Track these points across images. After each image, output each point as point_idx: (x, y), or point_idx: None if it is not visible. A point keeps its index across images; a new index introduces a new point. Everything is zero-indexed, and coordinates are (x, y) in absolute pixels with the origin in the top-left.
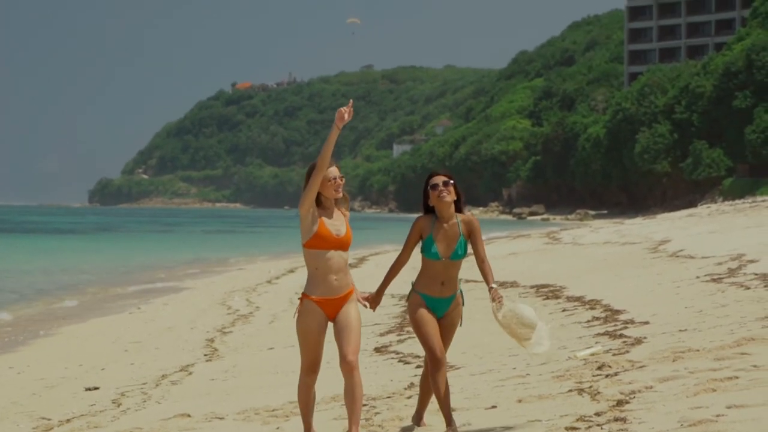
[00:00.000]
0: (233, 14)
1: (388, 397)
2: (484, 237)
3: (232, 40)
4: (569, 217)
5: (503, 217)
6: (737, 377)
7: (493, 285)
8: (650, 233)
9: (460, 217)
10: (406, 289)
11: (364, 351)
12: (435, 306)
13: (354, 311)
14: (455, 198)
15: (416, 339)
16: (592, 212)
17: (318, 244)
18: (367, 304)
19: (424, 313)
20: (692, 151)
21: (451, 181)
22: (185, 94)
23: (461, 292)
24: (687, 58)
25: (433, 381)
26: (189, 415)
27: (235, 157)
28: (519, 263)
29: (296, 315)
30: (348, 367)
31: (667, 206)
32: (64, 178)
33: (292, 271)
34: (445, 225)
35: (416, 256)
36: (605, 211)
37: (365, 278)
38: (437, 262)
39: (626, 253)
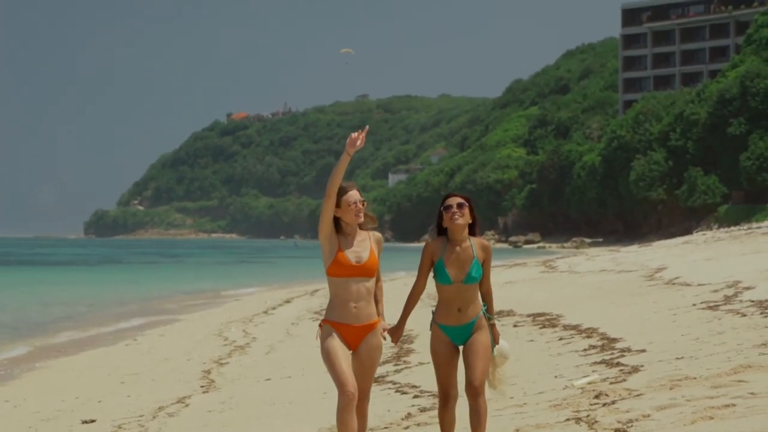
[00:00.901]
0: (228, 45)
1: (386, 428)
2: None
3: (227, 70)
4: (565, 245)
5: (499, 245)
6: (735, 405)
7: (495, 321)
8: (646, 261)
9: (474, 240)
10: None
11: None
12: (455, 335)
13: (375, 348)
14: (470, 221)
15: (413, 369)
16: (587, 240)
17: (337, 271)
18: (388, 337)
19: (441, 349)
20: (687, 178)
21: (466, 204)
22: (180, 124)
23: (485, 314)
24: (681, 86)
25: (440, 419)
26: None
27: (230, 187)
28: (516, 292)
29: (319, 343)
30: (358, 405)
31: (663, 233)
32: (59, 210)
33: (288, 301)
34: (457, 248)
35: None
36: (601, 239)
37: None
38: (449, 287)
39: (622, 281)
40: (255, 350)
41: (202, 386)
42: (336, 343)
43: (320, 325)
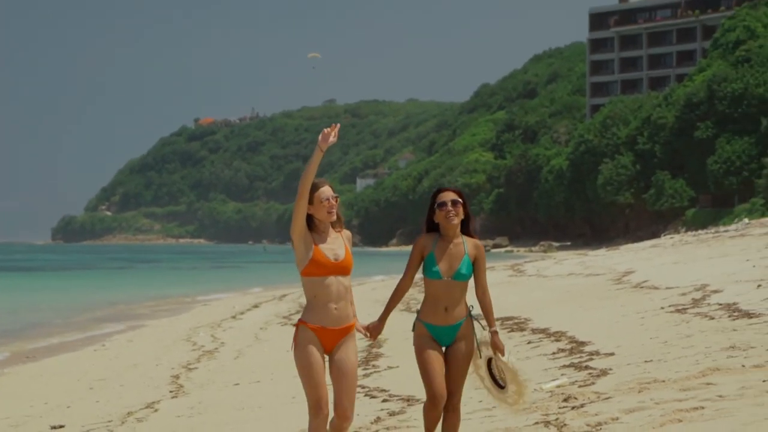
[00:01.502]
0: (195, 50)
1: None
2: None
3: (194, 75)
4: (533, 249)
5: None
6: (703, 408)
7: (495, 329)
8: (614, 264)
9: (466, 238)
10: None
11: (329, 385)
12: (440, 335)
13: (353, 352)
14: (463, 218)
15: (382, 373)
16: (555, 244)
17: (315, 271)
18: (368, 334)
19: (428, 347)
20: (655, 182)
21: (461, 201)
22: (148, 130)
23: (473, 316)
24: (649, 90)
25: (425, 416)
26: None
27: (198, 192)
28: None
29: (293, 347)
30: (345, 423)
31: (631, 237)
32: (26, 216)
33: (256, 306)
34: (449, 244)
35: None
36: (569, 243)
37: None
38: (438, 282)
39: (590, 284)
40: (223, 355)
41: (170, 391)
42: (314, 353)
43: (297, 326)
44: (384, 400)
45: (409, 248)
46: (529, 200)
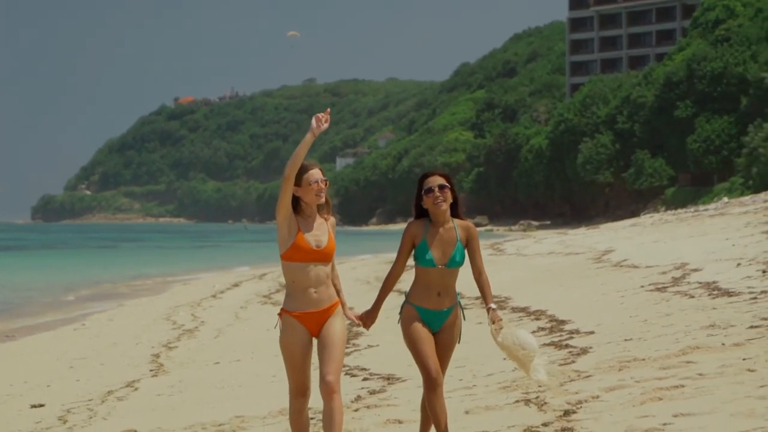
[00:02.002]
0: (174, 29)
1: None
2: None
3: (174, 54)
4: (513, 228)
5: None
6: (683, 386)
7: (492, 305)
8: (594, 243)
9: (457, 221)
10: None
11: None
12: (431, 319)
13: (339, 326)
14: (451, 202)
15: (362, 352)
16: (535, 223)
17: (295, 256)
18: (361, 323)
19: (420, 329)
20: (634, 161)
21: (448, 185)
22: (127, 109)
23: (460, 303)
24: (628, 69)
25: (429, 405)
26: (136, 431)
27: (178, 171)
28: (463, 274)
29: (277, 328)
30: (327, 389)
31: (610, 216)
32: (5, 195)
33: (236, 285)
34: (440, 229)
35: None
36: (548, 222)
37: None
38: (432, 270)
39: (570, 263)
40: (204, 334)
41: (151, 370)
42: (295, 341)
43: (279, 315)
44: (364, 379)
45: (389, 228)
46: (508, 179)
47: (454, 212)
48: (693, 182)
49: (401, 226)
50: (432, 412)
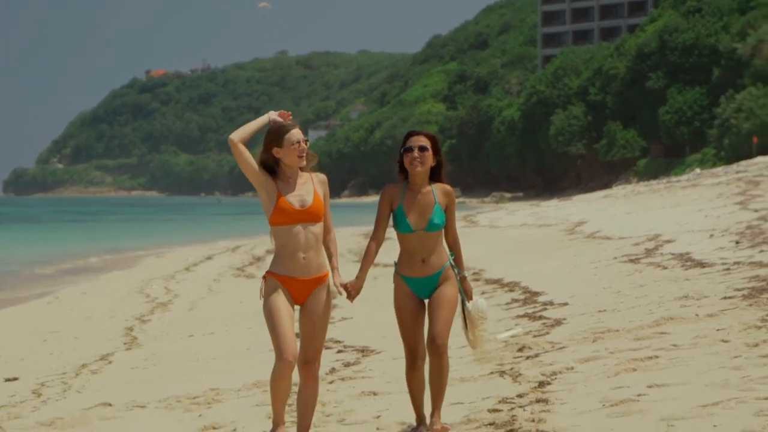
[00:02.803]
0: (146, 1)
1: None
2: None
3: (146, 27)
4: (485, 200)
5: None
6: (657, 357)
7: (465, 274)
8: (566, 215)
9: (436, 185)
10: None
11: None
12: (419, 288)
13: (324, 302)
14: (432, 165)
15: (336, 324)
16: (507, 195)
17: (280, 219)
18: (344, 293)
19: (406, 303)
20: (606, 133)
21: (428, 148)
22: (99, 82)
23: (452, 264)
24: (600, 40)
25: (407, 379)
26: (110, 404)
27: (150, 145)
28: None
29: (261, 297)
30: (308, 368)
31: (583, 188)
32: None
33: (209, 258)
34: (417, 194)
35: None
36: (521, 194)
37: None
38: (411, 235)
39: (543, 235)
40: (177, 307)
41: (125, 343)
42: (280, 302)
43: (264, 278)
44: (339, 351)
45: (362, 200)
46: (481, 151)
47: (436, 177)
48: (665, 153)
49: (374, 198)
50: (409, 386)
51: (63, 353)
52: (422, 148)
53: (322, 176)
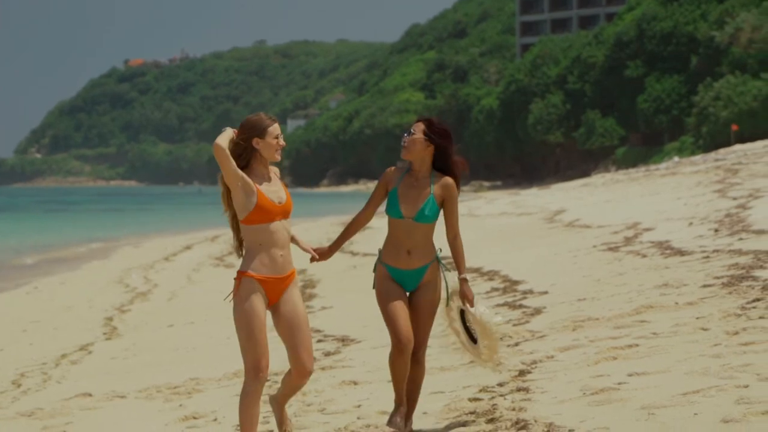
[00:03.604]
0: None
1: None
2: (379, 209)
3: (124, 16)
4: (464, 188)
5: None
6: (637, 345)
7: (466, 276)
8: (546, 203)
9: (438, 175)
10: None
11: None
12: (403, 280)
13: (299, 299)
14: (426, 152)
15: (316, 313)
16: (486, 183)
17: (260, 217)
18: (317, 256)
19: (390, 289)
20: (585, 121)
21: (415, 132)
22: (77, 71)
23: (440, 260)
24: (579, 29)
25: (390, 364)
26: (90, 395)
27: (128, 134)
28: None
29: (231, 299)
30: (303, 373)
31: (561, 176)
32: None
33: (188, 248)
34: (415, 180)
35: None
36: (499, 182)
37: None
38: (399, 221)
39: (522, 223)
40: (157, 297)
41: (104, 333)
42: (258, 308)
43: (239, 278)
44: (319, 341)
45: (340, 189)
46: (459, 140)
47: (441, 167)
48: (644, 142)
49: (353, 188)
50: (392, 371)
51: (43, 343)
52: (409, 132)
53: (277, 170)
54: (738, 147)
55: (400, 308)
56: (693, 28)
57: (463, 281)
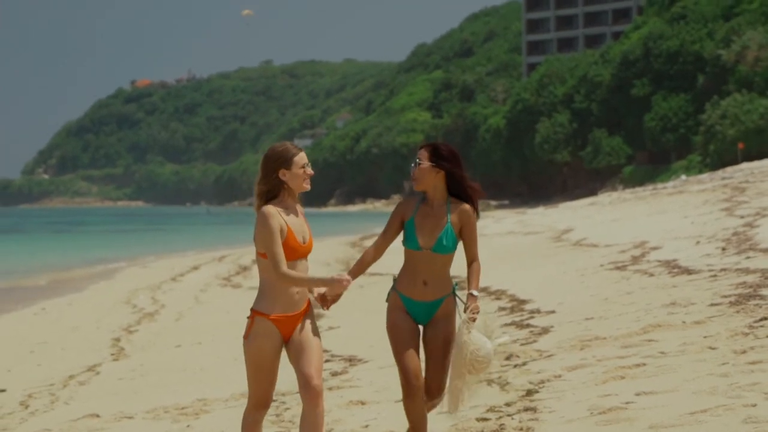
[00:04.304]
0: (131, 11)
1: (297, 393)
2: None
3: (131, 37)
4: None
5: None
6: (645, 364)
7: (475, 292)
8: (553, 222)
9: (454, 203)
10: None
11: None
12: (417, 311)
13: (311, 326)
14: (435, 178)
15: (324, 333)
16: (493, 203)
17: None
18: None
19: (401, 324)
20: (592, 140)
21: (423, 163)
22: (84, 92)
23: (455, 295)
24: (585, 48)
25: (406, 411)
26: (98, 416)
27: (135, 155)
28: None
29: (246, 337)
30: (313, 393)
31: (568, 195)
32: None
33: (196, 268)
34: (431, 208)
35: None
36: (506, 202)
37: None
38: (417, 253)
39: (530, 242)
40: (164, 317)
41: (112, 354)
42: (268, 349)
43: (252, 317)
44: (326, 361)
45: (348, 209)
46: (466, 159)
47: (454, 190)
48: (651, 160)
49: (360, 207)
50: (408, 418)
51: (50, 364)
52: (416, 163)
53: (301, 208)
54: (745, 165)
55: (409, 345)
56: (699, 46)
57: (470, 296)
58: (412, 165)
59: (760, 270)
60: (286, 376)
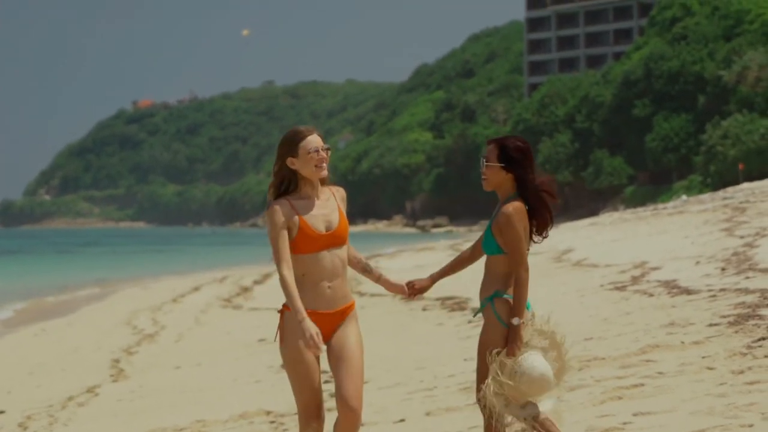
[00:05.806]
0: (132, 32)
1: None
2: (389, 250)
3: (132, 57)
4: (473, 228)
5: (407, 230)
6: (643, 384)
7: (516, 320)
8: (553, 243)
9: (504, 203)
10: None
11: (270, 367)
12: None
13: (355, 333)
14: (513, 178)
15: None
16: None
17: (303, 247)
18: (407, 293)
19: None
20: (593, 160)
21: (491, 162)
22: (86, 113)
23: (494, 303)
24: (586, 68)
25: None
26: None
27: (137, 175)
28: (424, 276)
29: (277, 337)
30: (351, 417)
31: (570, 215)
32: None
33: (196, 289)
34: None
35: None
36: None
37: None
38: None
39: (531, 262)
40: (164, 338)
41: (111, 375)
42: (310, 353)
43: (282, 312)
44: (325, 382)
45: (350, 229)
46: (468, 180)
47: (521, 192)
48: (652, 180)
49: (362, 228)
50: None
51: (50, 385)
52: (483, 160)
53: (342, 191)
54: (746, 185)
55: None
56: (700, 67)
57: (510, 326)
58: (482, 159)
59: (759, 290)
60: (281, 398)
